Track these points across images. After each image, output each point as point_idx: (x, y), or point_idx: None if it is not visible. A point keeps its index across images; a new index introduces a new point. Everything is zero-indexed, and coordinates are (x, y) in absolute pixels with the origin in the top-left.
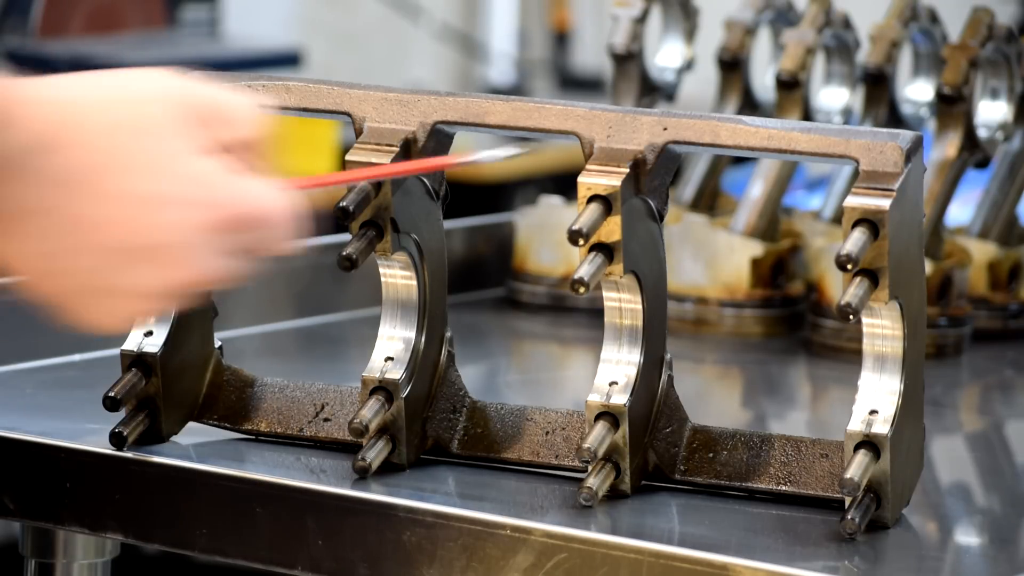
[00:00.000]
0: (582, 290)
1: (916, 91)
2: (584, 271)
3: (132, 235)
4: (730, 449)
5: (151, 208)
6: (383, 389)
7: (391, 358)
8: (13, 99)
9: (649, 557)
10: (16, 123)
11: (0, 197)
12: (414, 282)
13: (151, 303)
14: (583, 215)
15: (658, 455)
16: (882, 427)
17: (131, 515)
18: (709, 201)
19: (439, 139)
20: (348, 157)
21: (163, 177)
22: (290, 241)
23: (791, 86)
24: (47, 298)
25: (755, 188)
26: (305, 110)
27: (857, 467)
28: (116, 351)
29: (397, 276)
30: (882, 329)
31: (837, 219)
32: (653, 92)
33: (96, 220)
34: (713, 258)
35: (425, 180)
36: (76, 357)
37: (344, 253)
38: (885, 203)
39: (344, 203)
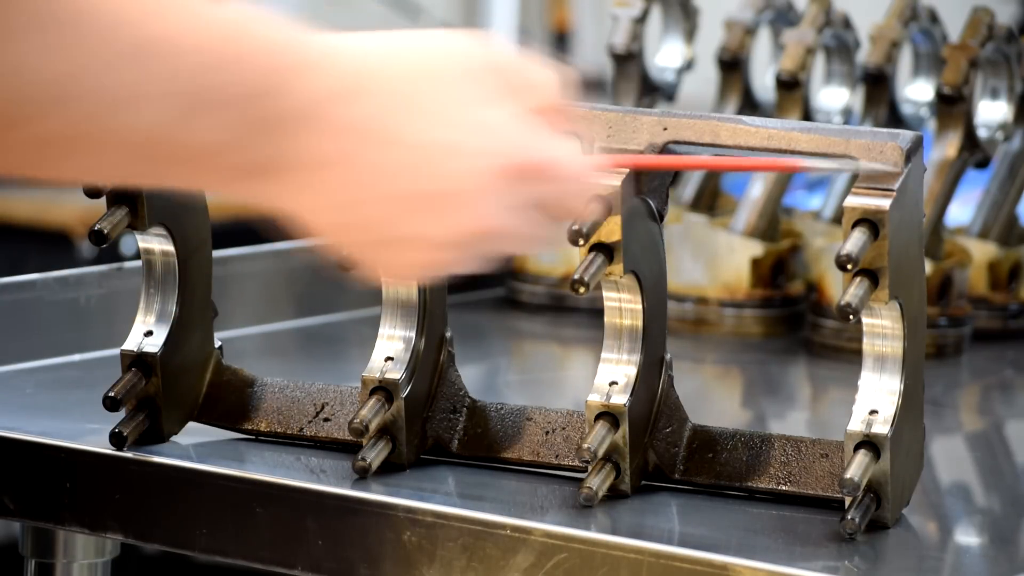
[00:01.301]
0: (582, 290)
1: (916, 91)
2: (584, 271)
3: (425, 182)
4: (730, 449)
5: (445, 155)
6: (383, 389)
7: (391, 358)
8: (311, 48)
9: (649, 557)
10: (315, 71)
11: (298, 146)
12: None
13: (443, 252)
14: (583, 215)
15: (658, 455)
16: (882, 427)
17: (131, 515)
18: (709, 201)
19: None
20: None
21: (457, 124)
22: (587, 201)
23: (791, 86)
24: (337, 244)
25: (755, 188)
26: None
27: (857, 467)
28: (116, 351)
29: None
30: (882, 329)
31: (837, 219)
32: (653, 92)
33: (390, 167)
34: (713, 258)
35: None
36: (76, 357)
37: (344, 253)
38: (885, 203)
39: None
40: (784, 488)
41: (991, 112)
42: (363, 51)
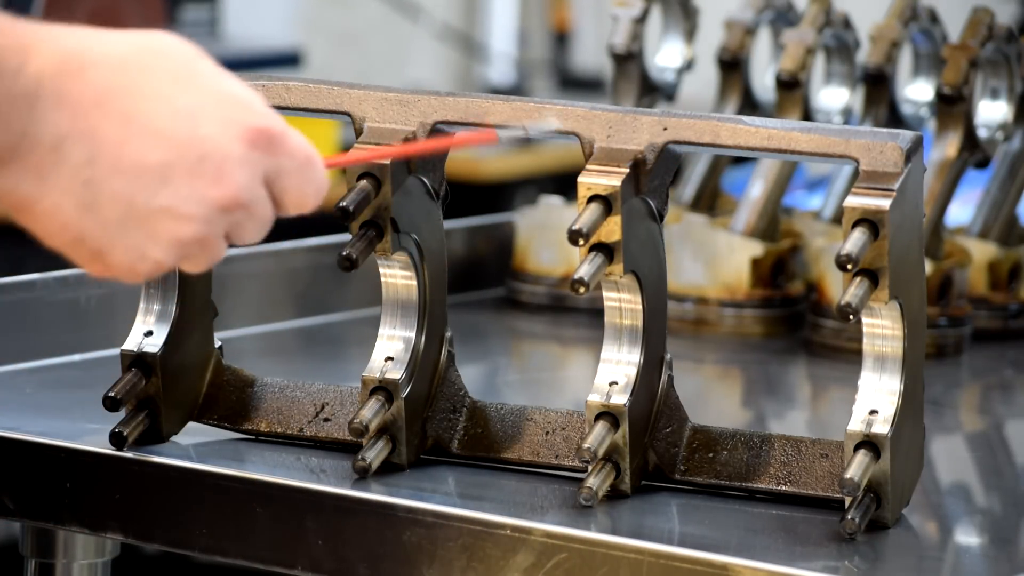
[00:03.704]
0: (582, 290)
1: (916, 91)
2: (584, 271)
3: (170, 149)
4: (730, 449)
5: (188, 121)
6: (383, 389)
7: (391, 358)
8: (26, 30)
9: (649, 557)
10: (36, 51)
11: (34, 125)
12: (414, 282)
13: (192, 226)
14: (583, 215)
15: (658, 455)
16: (882, 427)
17: (131, 515)
18: (709, 201)
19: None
20: None
21: (197, 90)
22: (317, 189)
23: (791, 86)
24: (79, 240)
25: (755, 188)
26: (305, 110)
27: (857, 467)
28: (116, 351)
29: (397, 276)
30: (882, 329)
31: (837, 219)
32: (653, 92)
33: (133, 137)
34: (713, 258)
35: (425, 180)
36: (76, 357)
37: (344, 253)
38: (885, 203)
39: (344, 203)
40: (784, 488)
41: (991, 112)
42: (81, 32)
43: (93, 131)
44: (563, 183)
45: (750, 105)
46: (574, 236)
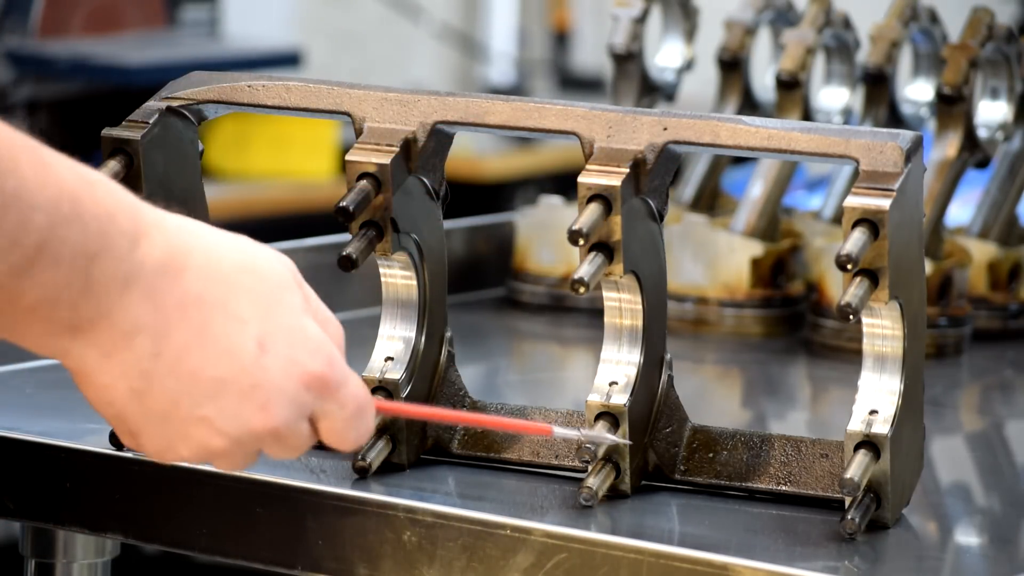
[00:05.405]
0: (582, 290)
1: (916, 91)
2: (584, 271)
3: (230, 369)
4: (730, 449)
5: (256, 349)
6: (383, 389)
7: (391, 358)
8: (145, 218)
9: (649, 557)
10: (149, 240)
11: (119, 309)
12: (414, 282)
13: (223, 443)
14: (583, 215)
15: (658, 455)
16: (882, 427)
17: (131, 515)
18: (709, 201)
19: (439, 139)
20: (348, 157)
21: (275, 322)
22: (359, 436)
23: (791, 86)
24: (121, 417)
25: (755, 188)
26: (305, 110)
27: (857, 467)
28: None
29: (397, 276)
30: (882, 329)
31: (837, 219)
32: (653, 92)
33: (200, 348)
34: (713, 258)
35: (425, 180)
36: None
37: (344, 253)
38: (885, 203)
39: (344, 203)
40: (784, 488)
41: (991, 112)
42: (194, 232)
43: (167, 330)
44: (563, 183)
45: (750, 105)
46: (574, 236)
